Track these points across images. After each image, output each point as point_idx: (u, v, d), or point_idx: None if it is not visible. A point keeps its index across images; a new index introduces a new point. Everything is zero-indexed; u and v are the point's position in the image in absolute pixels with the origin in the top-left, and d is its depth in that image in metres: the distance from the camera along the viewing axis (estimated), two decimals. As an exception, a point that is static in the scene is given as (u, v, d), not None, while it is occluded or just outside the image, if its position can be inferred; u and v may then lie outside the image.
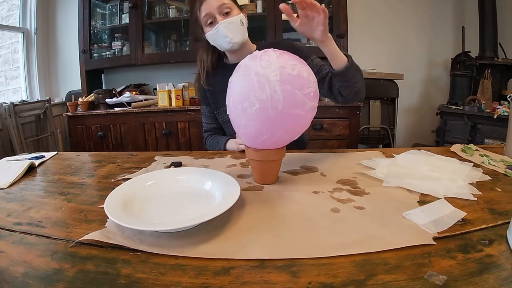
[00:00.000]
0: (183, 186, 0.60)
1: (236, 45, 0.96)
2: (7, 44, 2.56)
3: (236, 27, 0.94)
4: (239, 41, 0.95)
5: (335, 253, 0.40)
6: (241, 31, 0.95)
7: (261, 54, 0.59)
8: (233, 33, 0.93)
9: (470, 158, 0.81)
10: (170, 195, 0.57)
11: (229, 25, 0.93)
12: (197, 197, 0.57)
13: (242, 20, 0.95)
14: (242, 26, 0.95)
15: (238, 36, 0.95)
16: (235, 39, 0.94)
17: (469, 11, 2.63)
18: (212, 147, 1.09)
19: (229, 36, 0.93)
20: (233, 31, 0.93)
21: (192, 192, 0.59)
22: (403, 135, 2.90)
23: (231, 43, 0.94)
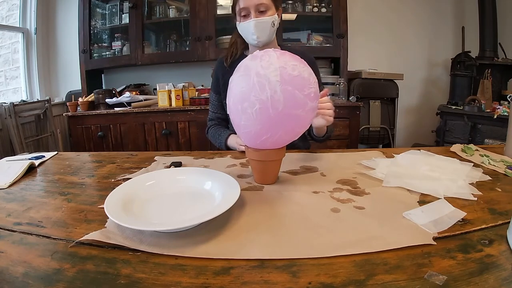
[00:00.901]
0: (183, 186, 0.60)
1: (261, 44, 0.99)
2: (7, 44, 2.56)
3: (265, 27, 0.96)
4: (265, 41, 0.98)
5: (335, 253, 0.40)
6: (270, 32, 0.97)
7: (262, 54, 0.59)
8: (261, 33, 0.96)
9: (470, 158, 0.81)
10: (170, 195, 0.58)
11: (260, 24, 0.95)
12: (197, 197, 0.57)
13: (274, 21, 0.97)
14: (273, 27, 0.97)
15: (265, 36, 0.97)
16: (261, 38, 0.97)
17: (469, 11, 2.63)
18: (214, 139, 1.10)
19: (257, 35, 0.96)
20: (262, 30, 0.96)
21: (192, 192, 0.59)
22: (403, 135, 2.90)
23: (257, 41, 0.97)
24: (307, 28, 2.51)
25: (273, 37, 1.01)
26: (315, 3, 2.37)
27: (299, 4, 2.39)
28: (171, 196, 0.57)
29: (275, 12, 0.98)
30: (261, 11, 0.94)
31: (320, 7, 2.36)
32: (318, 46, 2.42)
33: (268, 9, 0.95)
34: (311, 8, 2.37)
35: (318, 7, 2.36)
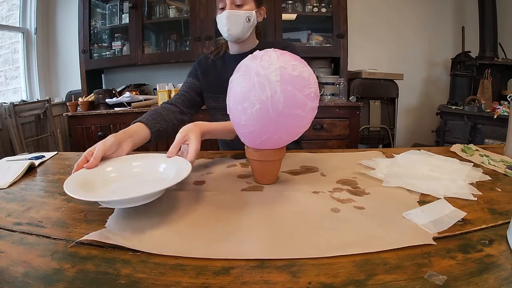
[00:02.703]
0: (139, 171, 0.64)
1: (232, 38, 0.96)
2: (7, 44, 2.56)
3: (238, 21, 0.93)
4: (236, 35, 0.95)
5: (335, 253, 0.40)
6: (243, 27, 0.94)
7: (262, 54, 0.59)
8: (233, 26, 0.93)
9: (470, 158, 0.81)
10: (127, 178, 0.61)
11: (232, 17, 0.93)
12: (152, 179, 0.61)
13: (250, 17, 0.94)
14: (248, 23, 0.94)
15: (237, 30, 0.94)
16: (232, 32, 0.94)
17: (469, 11, 2.63)
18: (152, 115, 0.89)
19: (227, 27, 0.93)
20: (234, 23, 0.93)
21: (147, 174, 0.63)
22: (403, 135, 2.90)
23: (228, 34, 0.95)
24: (307, 28, 2.52)
25: (248, 33, 0.97)
26: (315, 3, 2.37)
27: (299, 4, 2.40)
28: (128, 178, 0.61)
29: (255, 9, 0.95)
30: (237, 5, 0.92)
31: (320, 7, 2.36)
32: (318, 46, 2.42)
33: (246, 4, 0.93)
34: (311, 8, 2.37)
35: (318, 7, 2.36)
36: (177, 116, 1.00)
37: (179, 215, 0.52)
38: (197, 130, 0.71)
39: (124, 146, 0.71)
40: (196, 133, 0.70)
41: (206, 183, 0.68)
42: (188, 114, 1.05)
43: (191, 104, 1.06)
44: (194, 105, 1.08)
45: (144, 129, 0.82)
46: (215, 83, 1.07)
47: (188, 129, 0.70)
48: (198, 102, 1.10)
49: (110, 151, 0.66)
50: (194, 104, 1.08)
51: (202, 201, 0.58)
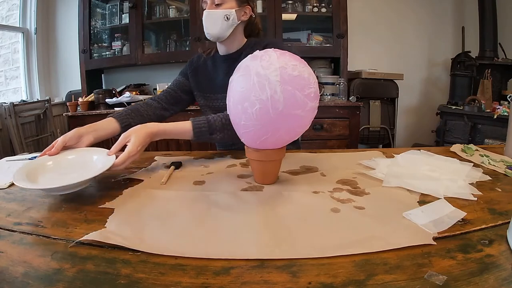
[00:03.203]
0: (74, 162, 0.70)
1: (211, 37, 0.94)
2: (7, 44, 2.56)
3: (216, 21, 0.91)
4: (215, 35, 0.93)
5: (335, 253, 0.40)
6: (222, 26, 0.91)
7: (262, 54, 0.59)
8: (210, 25, 0.92)
9: (470, 158, 0.81)
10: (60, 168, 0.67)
11: (210, 16, 0.91)
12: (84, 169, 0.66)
13: (228, 15, 0.91)
14: (226, 21, 0.91)
15: (216, 29, 0.92)
16: (210, 31, 0.93)
17: (469, 11, 2.63)
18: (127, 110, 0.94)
19: (205, 26, 0.93)
20: (211, 23, 0.92)
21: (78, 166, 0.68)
22: (403, 135, 2.90)
23: (206, 33, 0.94)
24: (307, 28, 2.52)
25: (229, 32, 0.93)
26: (315, 3, 2.37)
27: (299, 4, 2.40)
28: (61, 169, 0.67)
29: (235, 7, 0.92)
30: (217, 4, 0.91)
31: (320, 7, 2.36)
32: (318, 46, 2.42)
33: (225, 3, 0.91)
34: (311, 8, 2.37)
35: (318, 7, 2.36)
36: (157, 112, 1.02)
37: (179, 215, 0.53)
38: (142, 132, 0.72)
39: (85, 139, 0.77)
40: (139, 135, 0.71)
41: (206, 183, 0.68)
42: (170, 111, 1.06)
43: (175, 101, 1.07)
44: (178, 102, 1.09)
45: (113, 123, 0.87)
46: (204, 82, 1.07)
47: (132, 131, 0.72)
48: (184, 100, 1.10)
49: (70, 142, 0.73)
50: (179, 101, 1.09)
51: (202, 201, 0.58)
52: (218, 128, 0.81)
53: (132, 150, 0.68)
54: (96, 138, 0.80)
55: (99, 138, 0.81)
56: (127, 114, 0.92)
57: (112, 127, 0.86)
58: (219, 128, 0.81)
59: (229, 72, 1.00)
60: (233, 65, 0.98)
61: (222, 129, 0.81)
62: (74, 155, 0.70)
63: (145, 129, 0.73)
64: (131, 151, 0.68)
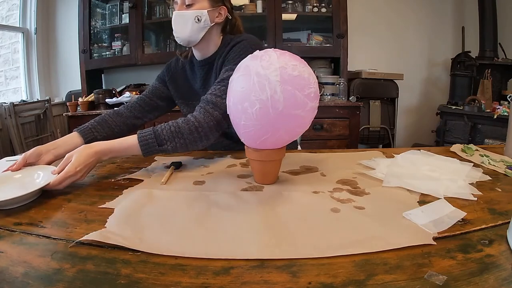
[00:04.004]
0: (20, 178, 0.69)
1: (182, 41, 0.88)
2: (7, 44, 2.56)
3: (185, 23, 0.84)
4: (185, 38, 0.86)
5: (335, 253, 0.40)
6: (192, 28, 0.85)
7: (262, 54, 0.59)
8: (179, 28, 0.86)
9: (470, 158, 0.81)
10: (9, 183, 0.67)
11: (179, 18, 0.85)
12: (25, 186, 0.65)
13: (200, 17, 0.84)
14: (197, 23, 0.84)
15: (185, 33, 0.85)
16: (179, 34, 0.86)
17: (469, 11, 2.63)
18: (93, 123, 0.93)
19: (174, 29, 0.86)
20: (180, 25, 0.85)
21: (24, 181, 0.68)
22: (403, 135, 2.90)
23: (176, 36, 0.88)
24: (307, 28, 2.52)
25: (201, 35, 0.86)
26: (315, 3, 2.37)
27: (299, 4, 2.40)
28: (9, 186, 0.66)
29: (208, 8, 0.85)
30: (187, 5, 0.84)
31: (320, 7, 2.36)
32: (318, 46, 2.42)
33: (196, 3, 0.84)
34: (311, 8, 2.37)
35: (318, 7, 2.36)
36: (128, 121, 0.99)
37: (179, 215, 0.53)
38: (84, 152, 0.68)
39: (45, 157, 0.76)
40: (80, 156, 0.67)
41: (206, 183, 0.68)
42: (143, 119, 1.02)
43: (150, 109, 1.03)
44: (155, 110, 1.04)
45: (75, 138, 0.85)
46: (184, 89, 1.02)
47: (75, 151, 0.69)
48: (161, 107, 1.05)
49: (30, 159, 0.72)
50: (155, 108, 1.04)
51: (202, 201, 0.58)
52: (166, 137, 0.73)
53: (69, 170, 0.64)
54: (57, 155, 0.78)
55: (60, 155, 0.77)
56: (92, 128, 0.89)
57: (75, 142, 0.83)
58: (168, 137, 0.73)
59: (206, 78, 0.97)
60: (210, 71, 0.95)
61: (171, 138, 0.73)
62: (21, 174, 0.70)
63: (88, 149, 0.70)
64: (68, 171, 0.64)
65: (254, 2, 2.36)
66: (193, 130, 0.74)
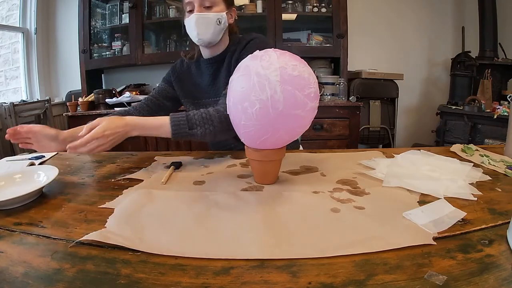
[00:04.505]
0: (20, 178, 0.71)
1: (203, 42, 0.90)
2: (7, 44, 2.56)
3: (208, 24, 0.87)
4: (208, 40, 0.89)
5: (335, 253, 0.40)
6: (214, 30, 0.88)
7: (262, 54, 0.59)
8: (202, 29, 0.87)
9: (470, 158, 0.81)
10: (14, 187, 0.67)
11: (202, 20, 0.87)
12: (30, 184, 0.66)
13: (221, 19, 0.88)
14: (218, 25, 0.88)
15: (208, 34, 0.88)
16: (202, 36, 0.88)
17: (469, 11, 2.63)
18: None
19: (197, 31, 0.88)
20: (203, 27, 0.87)
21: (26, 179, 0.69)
22: (403, 135, 2.90)
23: (198, 38, 0.89)
24: (307, 28, 2.51)
25: (220, 36, 0.91)
26: (315, 3, 2.37)
27: (299, 4, 2.39)
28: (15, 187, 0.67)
29: (225, 10, 0.89)
30: (206, 7, 0.87)
31: (320, 7, 2.36)
32: (318, 46, 2.42)
33: (215, 5, 0.87)
34: (311, 8, 2.37)
35: (318, 7, 2.36)
36: None
37: (179, 215, 0.53)
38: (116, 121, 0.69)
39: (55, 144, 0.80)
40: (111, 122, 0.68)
41: (206, 183, 0.68)
42: None
43: (157, 109, 1.05)
44: (161, 110, 1.06)
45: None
46: (191, 88, 1.04)
47: (106, 117, 0.69)
48: (167, 107, 1.07)
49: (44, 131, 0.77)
50: (162, 108, 1.06)
51: (202, 201, 0.58)
52: (197, 122, 0.76)
53: (97, 132, 0.64)
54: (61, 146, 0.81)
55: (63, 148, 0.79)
56: None
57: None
58: (199, 123, 0.76)
59: (215, 75, 0.99)
60: (220, 68, 0.98)
61: (202, 123, 0.76)
62: (21, 174, 0.71)
63: (118, 119, 0.70)
64: (96, 133, 0.64)
65: (254, 2, 2.36)
66: (223, 120, 0.76)
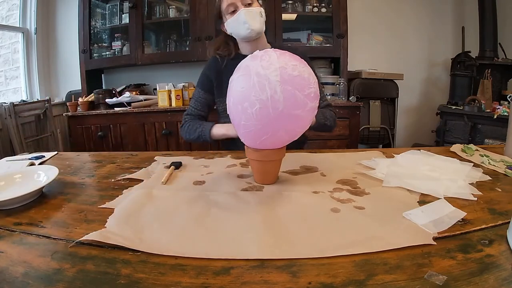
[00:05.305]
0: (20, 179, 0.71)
1: (254, 33, 0.99)
2: (7, 44, 2.56)
3: (256, 16, 0.98)
4: (257, 30, 0.99)
5: (335, 253, 0.40)
6: (260, 22, 0.99)
7: (262, 54, 0.59)
8: (252, 21, 0.97)
9: (470, 158, 0.81)
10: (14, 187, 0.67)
11: (249, 13, 0.97)
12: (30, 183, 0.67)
13: (262, 12, 1.00)
14: (261, 17, 1.00)
15: (257, 24, 0.98)
16: (253, 27, 0.97)
17: (469, 11, 2.63)
18: (191, 132, 1.06)
19: (249, 23, 0.96)
20: (252, 19, 0.97)
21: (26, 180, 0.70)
22: (403, 135, 2.90)
23: (250, 29, 0.97)
24: (307, 28, 2.51)
25: (264, 28, 1.02)
26: (315, 3, 2.37)
27: (299, 4, 2.39)
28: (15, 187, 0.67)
29: (260, 6, 1.01)
30: (247, 4, 0.98)
31: (320, 7, 2.36)
32: (318, 46, 2.42)
33: (253, 2, 0.99)
34: (311, 8, 2.36)
35: (318, 7, 2.36)
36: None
37: (179, 215, 0.53)
38: None
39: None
40: None
41: (206, 183, 0.68)
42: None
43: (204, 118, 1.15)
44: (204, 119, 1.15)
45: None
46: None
47: None
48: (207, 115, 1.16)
49: None
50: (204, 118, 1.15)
51: (202, 201, 0.58)
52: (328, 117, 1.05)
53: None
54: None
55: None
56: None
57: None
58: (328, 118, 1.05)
59: None
60: None
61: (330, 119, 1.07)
62: (21, 174, 0.72)
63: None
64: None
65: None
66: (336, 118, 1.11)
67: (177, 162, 0.80)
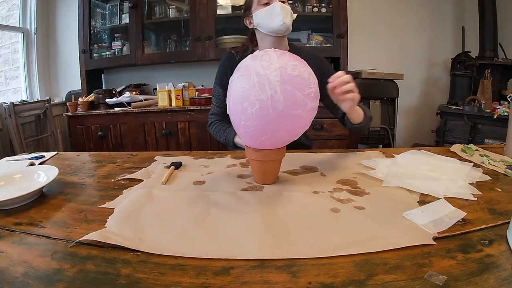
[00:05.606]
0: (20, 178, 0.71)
1: (285, 27, 0.98)
2: (7, 44, 2.56)
3: (288, 12, 0.98)
4: (288, 25, 0.99)
5: (335, 253, 0.40)
6: (290, 19, 1.00)
7: (262, 54, 0.59)
8: (286, 15, 0.97)
9: (470, 158, 0.81)
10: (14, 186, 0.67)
11: (284, 8, 0.97)
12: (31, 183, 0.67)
13: (292, 13, 1.01)
14: (291, 17, 1.01)
15: (288, 19, 0.98)
16: (286, 21, 0.97)
17: (469, 11, 2.63)
18: (218, 134, 1.09)
19: (283, 15, 0.96)
20: (285, 13, 0.97)
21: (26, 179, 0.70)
22: (403, 135, 2.90)
23: (282, 22, 0.96)
24: (307, 28, 2.51)
25: (291, 29, 1.02)
26: (315, 3, 2.37)
27: (299, 4, 2.39)
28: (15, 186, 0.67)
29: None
30: (282, 1, 0.98)
31: (320, 7, 2.36)
32: (318, 46, 2.42)
33: (286, 1, 1.00)
34: (311, 8, 2.36)
35: (318, 7, 2.36)
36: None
37: (179, 215, 0.53)
38: None
39: None
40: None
41: (206, 183, 0.68)
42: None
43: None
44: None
45: None
46: None
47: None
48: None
49: None
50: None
51: (202, 201, 0.58)
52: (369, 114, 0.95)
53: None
54: None
55: None
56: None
57: None
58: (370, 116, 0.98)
59: None
60: None
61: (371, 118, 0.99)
62: (21, 174, 0.72)
63: None
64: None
65: (254, 2, 2.36)
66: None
67: (177, 162, 0.80)
